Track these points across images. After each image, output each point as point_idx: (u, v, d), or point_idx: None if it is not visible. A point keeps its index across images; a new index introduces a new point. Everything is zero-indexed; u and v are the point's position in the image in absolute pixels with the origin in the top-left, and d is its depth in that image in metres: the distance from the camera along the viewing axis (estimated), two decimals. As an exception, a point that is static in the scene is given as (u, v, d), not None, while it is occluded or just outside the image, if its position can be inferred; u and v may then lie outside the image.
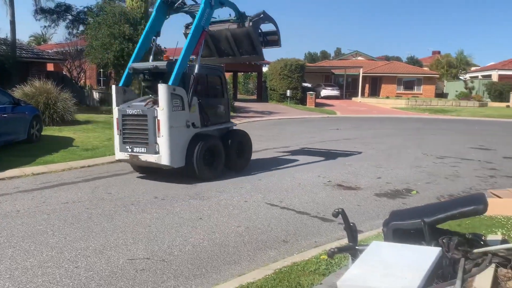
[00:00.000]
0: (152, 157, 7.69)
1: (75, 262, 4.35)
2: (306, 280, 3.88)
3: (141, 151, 7.81)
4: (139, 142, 7.85)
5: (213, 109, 8.89)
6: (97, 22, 18.47)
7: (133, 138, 7.93)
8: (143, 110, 7.79)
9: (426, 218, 3.28)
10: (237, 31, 9.56)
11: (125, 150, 8.01)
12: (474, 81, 42.29)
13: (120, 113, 8.04)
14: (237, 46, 9.93)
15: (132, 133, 7.95)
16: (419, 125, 21.18)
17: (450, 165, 10.38)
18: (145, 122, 7.72)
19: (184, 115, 7.92)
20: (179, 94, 7.82)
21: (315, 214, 6.23)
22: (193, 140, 8.03)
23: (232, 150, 8.92)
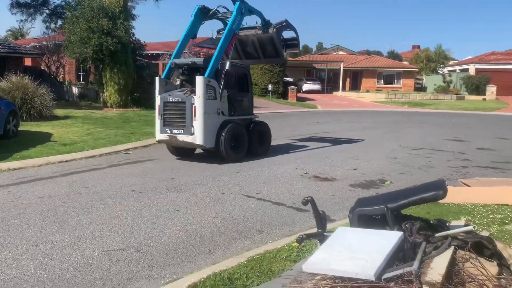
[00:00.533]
0: (188, 138, 9.12)
1: (50, 255, 4.38)
2: (277, 266, 4.00)
3: (179, 132, 9.24)
4: (177, 125, 9.28)
5: (239, 101, 10.25)
6: (75, 16, 18.24)
7: (172, 122, 9.36)
8: (182, 98, 9.24)
9: (389, 204, 3.42)
10: (262, 36, 11.05)
11: (165, 132, 9.43)
12: (452, 74, 43.06)
13: (162, 101, 9.51)
14: (261, 50, 11.44)
15: (172, 117, 9.38)
16: (397, 118, 21.54)
17: (424, 156, 10.64)
18: (183, 108, 9.17)
19: (215, 104, 9.32)
20: (212, 85, 9.23)
21: (291, 204, 6.36)
22: (222, 126, 9.39)
23: (254, 138, 10.24)
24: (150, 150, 10.91)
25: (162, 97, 9.55)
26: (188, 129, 9.09)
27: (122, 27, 18.03)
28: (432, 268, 2.86)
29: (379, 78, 44.96)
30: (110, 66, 18.32)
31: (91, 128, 13.13)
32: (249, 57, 11.81)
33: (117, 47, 17.71)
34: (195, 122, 9.00)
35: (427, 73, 48.37)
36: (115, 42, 17.51)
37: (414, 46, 63.66)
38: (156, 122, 9.67)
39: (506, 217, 5.39)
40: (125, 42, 18.39)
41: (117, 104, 18.68)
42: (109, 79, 18.46)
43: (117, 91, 18.56)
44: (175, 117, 9.35)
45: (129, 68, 18.96)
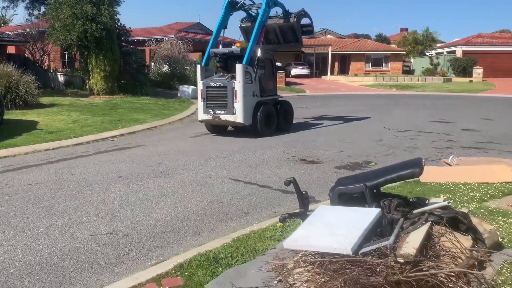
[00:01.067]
0: (230, 117, 10.67)
1: (37, 240, 4.42)
2: (262, 245, 4.09)
3: (221, 113, 10.75)
4: (219, 106, 10.75)
5: (267, 84, 11.70)
6: (58, 2, 17.90)
7: (215, 104, 10.82)
8: (223, 83, 10.70)
9: (367, 182, 3.52)
10: (283, 24, 12.53)
11: (208, 112, 10.97)
12: (440, 57, 43.27)
13: (204, 86, 10.92)
14: (282, 36, 12.93)
15: (214, 100, 10.84)
16: (385, 101, 21.69)
17: (410, 137, 10.78)
18: (225, 92, 10.64)
19: (251, 87, 10.82)
20: (249, 71, 10.69)
21: (277, 187, 6.45)
22: (256, 106, 10.89)
23: (280, 116, 11.80)
24: (137, 137, 10.91)
25: (204, 82, 10.97)
26: (230, 110, 10.62)
27: (106, 13, 17.76)
28: (407, 242, 2.97)
29: (367, 61, 45.01)
30: (95, 53, 18.10)
31: (78, 116, 13.05)
32: (270, 43, 13.13)
33: (102, 33, 17.48)
34: (236, 103, 10.52)
35: (414, 56, 48.54)
36: (100, 28, 17.27)
37: (402, 29, 63.72)
38: (199, 104, 11.19)
39: (485, 195, 5.54)
40: (110, 28, 18.14)
41: (103, 91, 18.52)
42: (95, 66, 18.26)
43: (103, 78, 18.38)
44: (217, 100, 10.81)
45: (115, 55, 18.75)
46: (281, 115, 11.83)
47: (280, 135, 11.22)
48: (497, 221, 4.48)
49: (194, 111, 16.63)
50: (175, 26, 34.70)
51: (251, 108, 10.79)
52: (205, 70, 11.30)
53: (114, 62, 18.65)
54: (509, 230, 4.24)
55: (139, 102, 17.44)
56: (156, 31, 33.25)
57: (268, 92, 11.66)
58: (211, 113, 10.93)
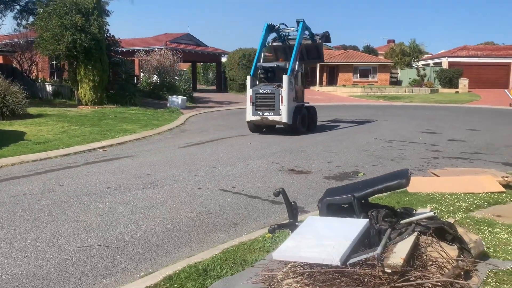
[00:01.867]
0: (277, 118, 13.09)
1: (24, 252, 4.38)
2: (251, 257, 4.10)
3: (269, 114, 13.14)
4: (268, 109, 13.13)
5: (299, 91, 14.16)
6: (46, 13, 17.87)
7: (264, 107, 13.17)
8: (271, 90, 13.09)
9: (355, 193, 3.57)
10: (310, 45, 15.34)
11: (257, 114, 13.25)
12: (426, 68, 43.89)
13: (254, 92, 13.26)
14: (307, 54, 15.54)
15: (263, 103, 13.16)
16: (372, 112, 21.90)
17: (397, 148, 10.91)
18: (273, 97, 13.05)
19: (292, 94, 13.28)
20: (291, 81, 13.15)
21: (266, 197, 6.47)
22: (295, 110, 13.39)
23: (309, 118, 14.31)
24: (126, 147, 10.87)
25: (253, 89, 13.27)
26: (276, 112, 13.00)
27: (96, 23, 17.77)
28: (394, 252, 3.02)
29: (355, 72, 45.49)
30: (84, 63, 18.05)
31: (66, 126, 12.97)
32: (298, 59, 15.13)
33: (91, 43, 17.46)
34: (282, 106, 12.93)
35: (402, 67, 49.18)
36: (89, 38, 17.25)
37: (389, 41, 64.49)
38: (248, 107, 13.41)
39: (471, 205, 5.63)
40: (100, 39, 18.13)
41: (92, 101, 18.44)
42: (84, 76, 18.20)
43: (92, 88, 18.31)
44: (266, 104, 13.13)
45: (104, 65, 18.72)
46: (310, 117, 14.42)
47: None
48: (482, 231, 4.55)
49: (183, 121, 16.64)
50: (164, 36, 34.78)
51: (292, 111, 13.21)
52: (253, 80, 13.60)
53: (103, 72, 18.62)
54: (494, 240, 4.31)
55: (128, 112, 17.40)
56: (145, 41, 33.29)
57: (300, 98, 14.16)
58: (259, 115, 13.21)
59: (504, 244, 4.20)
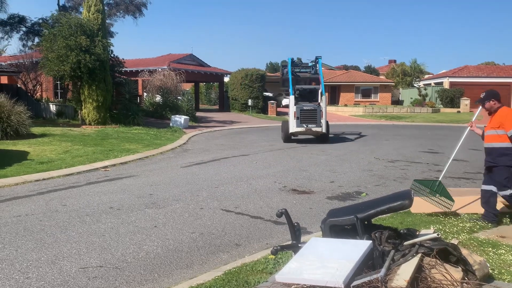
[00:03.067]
0: (318, 128, 16.10)
1: (26, 273, 4.36)
2: (253, 279, 4.07)
3: (312, 126, 16.05)
4: (311, 122, 16.04)
5: None
6: (52, 34, 18.14)
7: (307, 120, 16.02)
8: (314, 107, 16.19)
9: (358, 214, 3.56)
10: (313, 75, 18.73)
11: (301, 126, 16.01)
12: (428, 88, 44.14)
13: (298, 109, 16.05)
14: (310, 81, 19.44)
15: (306, 118, 16.03)
16: (374, 131, 21.95)
17: (400, 168, 10.89)
18: (315, 112, 16.06)
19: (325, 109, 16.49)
20: (324, 100, 16.62)
21: (269, 218, 6.45)
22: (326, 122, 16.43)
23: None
24: (129, 167, 10.89)
25: (297, 106, 16.15)
26: (318, 124, 16.03)
27: (100, 44, 18.01)
28: (398, 274, 2.99)
29: (357, 92, 45.77)
30: (88, 83, 18.24)
31: (69, 146, 13.03)
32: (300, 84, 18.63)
33: (96, 64, 17.67)
34: (322, 120, 16.03)
35: (403, 87, 49.46)
36: (93, 59, 17.47)
37: (391, 61, 65.09)
38: (292, 121, 16.09)
39: (475, 225, 5.59)
40: (104, 59, 18.35)
41: (95, 121, 18.56)
42: (88, 96, 18.36)
43: (95, 108, 18.46)
44: (309, 118, 16.03)
45: (108, 85, 18.90)
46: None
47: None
48: (487, 252, 4.52)
49: (186, 140, 16.69)
50: (168, 57, 35.18)
51: (325, 123, 16.24)
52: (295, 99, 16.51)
53: (107, 92, 18.79)
54: (499, 262, 4.28)
55: (131, 132, 17.49)
56: (149, 62, 33.67)
57: None
58: (304, 126, 16.03)
59: (509, 265, 4.16)
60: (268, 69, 70.44)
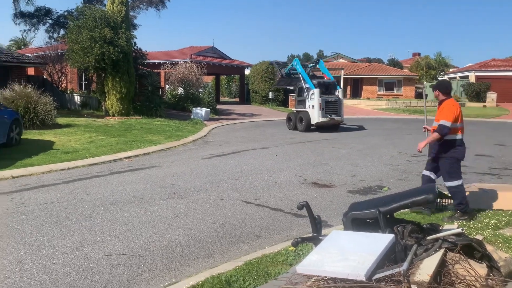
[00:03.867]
0: (339, 118, 17.99)
1: (52, 259, 4.49)
2: (274, 269, 4.09)
3: (335, 116, 17.80)
4: (333, 112, 17.76)
5: None
6: (77, 26, 18.44)
7: (330, 111, 17.67)
8: (335, 99, 18.01)
9: (381, 208, 3.52)
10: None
11: (326, 116, 17.56)
12: (452, 82, 43.19)
13: (323, 100, 17.51)
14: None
15: (330, 108, 17.66)
16: (397, 125, 21.65)
17: (423, 163, 10.66)
18: (336, 104, 17.92)
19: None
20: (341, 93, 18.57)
21: (289, 210, 6.46)
22: None
23: None
24: (151, 158, 11.03)
25: (322, 98, 17.51)
26: (338, 114, 17.90)
27: (124, 36, 18.23)
28: (421, 268, 2.96)
29: (380, 85, 45.14)
30: (112, 75, 18.50)
31: (93, 136, 13.27)
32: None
33: (119, 56, 17.89)
34: (341, 111, 18.08)
35: (427, 80, 48.51)
36: (117, 51, 17.69)
37: (415, 54, 63.96)
38: (317, 112, 17.41)
39: (500, 222, 5.48)
40: (127, 51, 18.57)
41: (119, 112, 18.84)
42: (111, 88, 18.64)
43: (119, 100, 18.73)
44: (332, 108, 17.71)
45: (131, 77, 19.14)
46: None
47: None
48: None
49: (206, 133, 16.80)
50: (190, 49, 35.33)
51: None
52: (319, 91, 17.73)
53: (130, 84, 19.02)
54: (525, 259, 4.18)
55: (154, 123, 17.69)
56: (171, 54, 33.89)
57: None
58: (328, 117, 17.58)
59: (535, 263, 4.06)
60: (289, 62, 70.12)
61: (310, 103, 17.73)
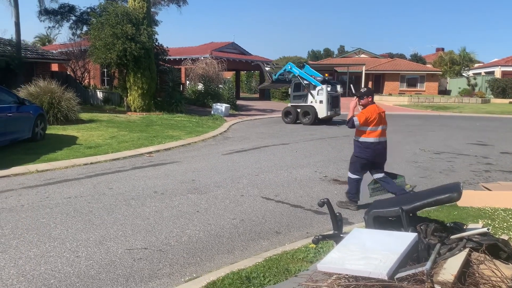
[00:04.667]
0: (338, 111, 19.46)
1: (76, 252, 4.57)
2: (294, 266, 4.08)
3: (336, 110, 19.38)
4: (336, 107, 19.40)
5: None
6: (100, 23, 18.69)
7: (333, 105, 19.09)
8: (337, 94, 19.76)
9: (404, 206, 3.47)
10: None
11: (332, 110, 18.97)
12: (477, 77, 42.23)
13: (329, 95, 18.74)
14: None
15: (333, 103, 19.12)
16: (420, 122, 21.30)
17: (446, 160, 10.53)
18: (338, 99, 19.71)
19: None
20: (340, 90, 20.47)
21: (309, 207, 6.43)
22: None
23: None
24: (172, 153, 11.13)
25: (329, 93, 18.73)
26: (338, 108, 19.51)
27: (145, 32, 18.39)
28: (445, 268, 2.91)
29: (402, 81, 44.48)
30: (133, 71, 18.71)
31: (115, 132, 13.46)
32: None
33: (141, 52, 18.07)
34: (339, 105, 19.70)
35: (451, 76, 47.58)
36: (138, 47, 17.87)
37: (438, 49, 62.69)
38: (325, 106, 18.63)
39: (527, 222, 5.34)
40: (149, 48, 18.74)
41: (140, 108, 19.06)
42: (133, 84, 18.86)
43: (140, 96, 18.94)
44: (335, 103, 19.27)
45: (152, 73, 19.32)
46: None
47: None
48: (540, 250, 4.30)
49: (226, 128, 16.85)
50: (210, 45, 35.44)
51: None
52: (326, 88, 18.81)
53: (151, 80, 19.21)
54: (553, 260, 4.06)
55: (174, 119, 17.83)
56: (192, 50, 34.06)
57: None
58: (334, 111, 19.15)
59: None
60: (310, 57, 69.70)
61: (318, 98, 18.80)
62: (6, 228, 5.23)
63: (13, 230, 5.18)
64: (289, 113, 19.77)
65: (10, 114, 9.99)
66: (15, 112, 10.28)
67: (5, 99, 10.23)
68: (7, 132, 9.82)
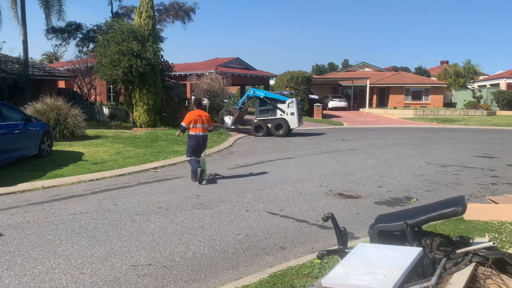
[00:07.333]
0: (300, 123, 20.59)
1: (80, 269, 4.57)
2: (299, 282, 4.05)
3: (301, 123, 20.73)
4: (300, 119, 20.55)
5: None
6: (106, 40, 18.96)
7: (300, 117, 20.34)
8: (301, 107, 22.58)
9: (408, 220, 3.46)
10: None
11: (300, 121, 20.33)
12: (482, 90, 42.18)
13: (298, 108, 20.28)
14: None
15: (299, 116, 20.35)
16: (425, 135, 21.24)
17: (452, 173, 10.47)
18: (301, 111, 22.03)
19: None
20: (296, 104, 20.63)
21: (314, 222, 6.40)
22: None
23: None
24: (177, 168, 11.15)
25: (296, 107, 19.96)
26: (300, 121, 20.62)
27: (151, 49, 18.63)
28: (450, 283, 2.88)
29: (407, 94, 44.50)
30: (139, 87, 18.90)
31: (121, 147, 13.53)
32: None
33: (146, 68, 18.28)
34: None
35: (456, 88, 47.56)
36: (144, 64, 18.09)
37: (443, 62, 62.83)
38: (296, 118, 19.89)
39: (535, 235, 5.28)
40: (154, 64, 18.96)
41: (146, 123, 19.19)
42: (139, 100, 19.03)
43: (146, 111, 19.09)
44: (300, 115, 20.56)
45: (158, 89, 19.50)
46: None
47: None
48: (548, 264, 4.24)
49: (231, 143, 16.88)
50: (215, 61, 35.76)
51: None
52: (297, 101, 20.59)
53: (157, 96, 19.38)
54: (562, 274, 4.00)
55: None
56: (197, 66, 34.38)
57: None
58: (301, 121, 20.69)
59: None
60: (314, 72, 70.02)
61: (289, 110, 20.03)
62: (11, 245, 5.25)
63: (19, 247, 5.19)
64: (260, 127, 20.37)
65: (17, 131, 10.09)
66: (22, 129, 10.38)
67: (12, 116, 10.35)
68: (14, 149, 9.90)
